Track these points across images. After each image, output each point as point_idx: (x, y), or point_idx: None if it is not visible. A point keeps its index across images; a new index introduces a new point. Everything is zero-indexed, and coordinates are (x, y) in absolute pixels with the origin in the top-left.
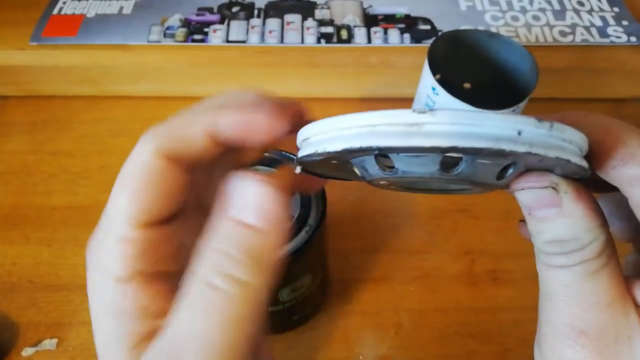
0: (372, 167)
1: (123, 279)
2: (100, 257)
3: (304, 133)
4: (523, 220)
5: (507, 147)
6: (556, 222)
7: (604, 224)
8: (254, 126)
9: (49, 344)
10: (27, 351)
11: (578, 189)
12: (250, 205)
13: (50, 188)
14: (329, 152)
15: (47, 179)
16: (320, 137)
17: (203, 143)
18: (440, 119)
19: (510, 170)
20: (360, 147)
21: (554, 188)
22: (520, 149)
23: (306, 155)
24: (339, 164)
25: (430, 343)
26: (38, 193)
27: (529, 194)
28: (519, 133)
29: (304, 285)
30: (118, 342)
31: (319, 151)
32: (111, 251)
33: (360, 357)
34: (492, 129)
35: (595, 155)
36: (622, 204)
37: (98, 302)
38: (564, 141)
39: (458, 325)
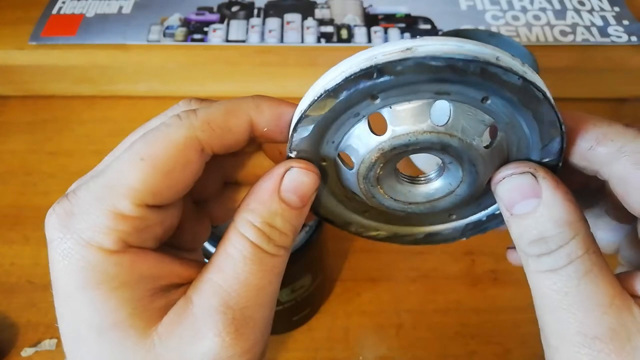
0: (365, 135)
1: (114, 252)
2: (78, 225)
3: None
4: (511, 247)
5: (490, 62)
6: (538, 215)
7: (583, 218)
8: (288, 121)
9: (48, 344)
10: (27, 351)
11: (555, 178)
12: (298, 190)
13: (49, 188)
14: (327, 90)
15: (46, 179)
16: (320, 83)
17: (242, 135)
18: (429, 42)
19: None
20: (361, 70)
21: (532, 175)
22: (500, 69)
23: (306, 107)
24: (333, 165)
25: (430, 343)
26: (37, 193)
27: (509, 183)
28: (497, 58)
29: (304, 286)
30: (124, 313)
31: (317, 93)
32: (99, 223)
33: (361, 358)
34: (475, 51)
35: (571, 142)
36: (602, 213)
37: (76, 276)
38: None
39: (458, 325)
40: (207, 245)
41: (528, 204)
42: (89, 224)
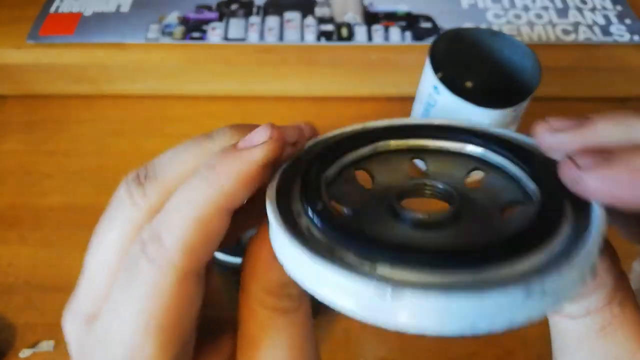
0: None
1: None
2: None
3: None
4: None
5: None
6: None
7: (612, 266)
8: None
9: (46, 345)
10: (25, 353)
11: None
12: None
13: (47, 188)
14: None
15: (43, 179)
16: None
17: (260, 179)
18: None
19: None
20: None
21: None
22: None
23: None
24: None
25: (431, 345)
26: (35, 193)
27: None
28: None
29: None
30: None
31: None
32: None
33: (361, 359)
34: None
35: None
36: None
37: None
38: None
39: None
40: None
41: None
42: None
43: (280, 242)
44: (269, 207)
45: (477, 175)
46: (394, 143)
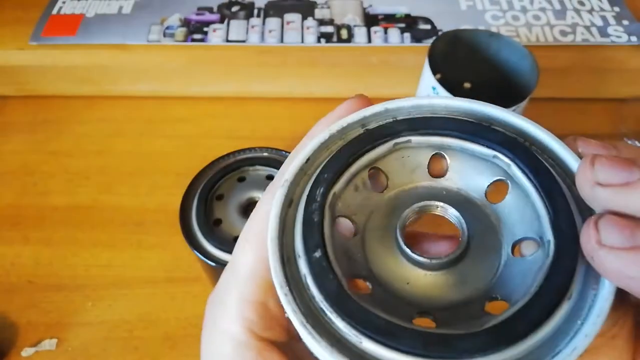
0: None
1: (242, 343)
2: (217, 314)
3: None
4: None
5: None
6: None
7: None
8: None
9: (48, 344)
10: (27, 351)
11: None
12: None
13: (49, 188)
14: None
15: (46, 179)
16: None
17: None
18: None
19: None
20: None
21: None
22: None
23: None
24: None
25: None
26: (37, 193)
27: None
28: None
29: None
30: None
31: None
32: (231, 311)
33: None
34: None
35: None
36: None
37: None
38: None
39: None
40: (209, 247)
41: None
42: (223, 312)
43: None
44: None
45: (501, 186)
46: (415, 140)
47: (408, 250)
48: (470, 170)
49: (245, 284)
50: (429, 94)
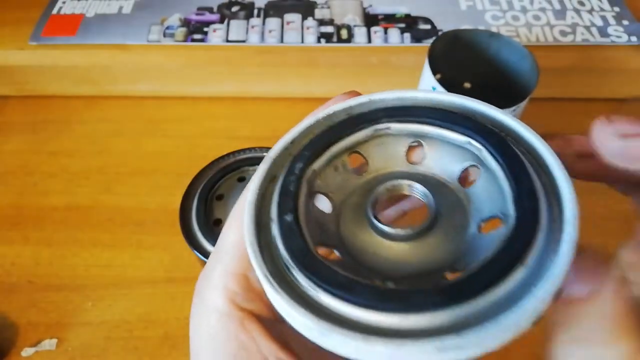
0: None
1: (225, 314)
2: (203, 288)
3: None
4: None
5: None
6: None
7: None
8: None
9: (48, 344)
10: (27, 351)
11: None
12: None
13: (49, 188)
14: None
15: (46, 179)
16: None
17: None
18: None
19: None
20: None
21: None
22: None
23: None
24: None
25: None
26: (37, 193)
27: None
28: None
29: None
30: None
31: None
32: (215, 283)
33: None
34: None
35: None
36: None
37: (199, 336)
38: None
39: None
40: (209, 247)
41: None
42: (208, 284)
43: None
44: (247, 228)
45: (473, 172)
46: (394, 127)
47: (376, 221)
48: (445, 157)
49: (228, 258)
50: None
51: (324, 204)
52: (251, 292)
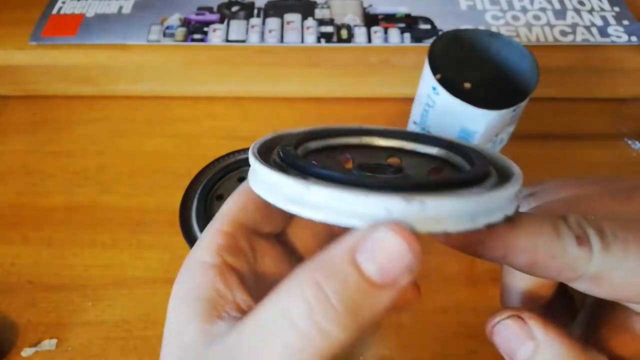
0: None
1: (208, 263)
2: (195, 248)
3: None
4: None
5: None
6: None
7: (581, 348)
8: None
9: (48, 344)
10: (27, 351)
11: (541, 317)
12: (381, 259)
13: (49, 188)
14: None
15: (46, 179)
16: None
17: None
18: (317, 196)
19: None
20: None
21: (519, 317)
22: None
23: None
24: None
25: (430, 343)
26: (37, 193)
27: (503, 332)
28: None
29: None
30: (188, 323)
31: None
32: (205, 240)
33: (361, 358)
34: (361, 207)
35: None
36: None
37: (181, 284)
38: (436, 216)
39: (458, 325)
40: None
41: (526, 349)
42: (199, 244)
43: (252, 168)
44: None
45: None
46: (378, 141)
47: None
48: (417, 164)
49: (220, 218)
50: (429, 94)
51: None
52: (236, 249)
